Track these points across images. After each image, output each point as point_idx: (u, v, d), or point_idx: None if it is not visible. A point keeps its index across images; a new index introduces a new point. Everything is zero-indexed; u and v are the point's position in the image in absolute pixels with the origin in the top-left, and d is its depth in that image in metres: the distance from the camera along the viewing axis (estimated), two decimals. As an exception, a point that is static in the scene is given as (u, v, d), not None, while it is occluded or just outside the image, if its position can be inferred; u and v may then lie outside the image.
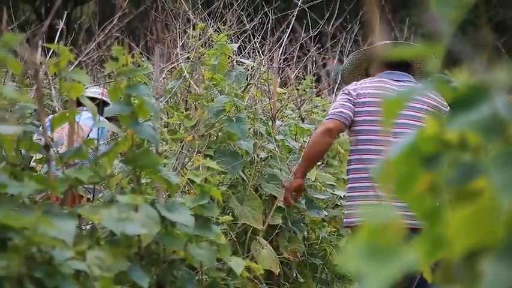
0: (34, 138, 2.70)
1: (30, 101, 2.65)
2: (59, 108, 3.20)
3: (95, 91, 5.09)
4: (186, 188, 3.92)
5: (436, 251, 1.05)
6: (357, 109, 4.34)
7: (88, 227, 2.66)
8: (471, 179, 1.03)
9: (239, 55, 5.91)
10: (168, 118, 5.05)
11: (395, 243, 0.97)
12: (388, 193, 1.09)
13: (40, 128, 2.59)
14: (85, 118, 2.77)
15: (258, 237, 4.82)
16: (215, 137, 4.97)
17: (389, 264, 0.93)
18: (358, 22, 9.00)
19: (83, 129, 2.88)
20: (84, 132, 2.86)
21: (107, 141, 3.90)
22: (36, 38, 2.66)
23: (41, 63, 2.72)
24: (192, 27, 5.60)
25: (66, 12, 4.61)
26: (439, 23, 1.02)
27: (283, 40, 6.17)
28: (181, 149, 4.28)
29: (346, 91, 4.44)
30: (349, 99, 4.38)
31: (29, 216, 2.04)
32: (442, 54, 1.06)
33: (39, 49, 2.75)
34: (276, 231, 5.09)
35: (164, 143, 4.19)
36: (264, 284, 4.54)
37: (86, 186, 2.82)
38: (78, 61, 3.43)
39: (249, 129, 5.05)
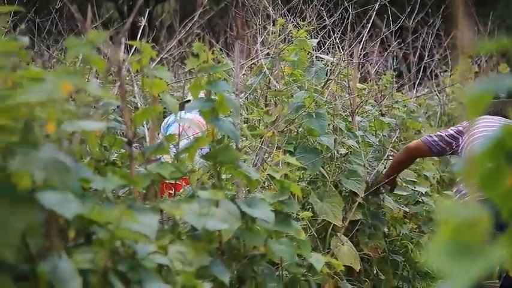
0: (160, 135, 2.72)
1: (114, 97, 2.69)
2: (141, 105, 3.25)
3: None
4: (266, 183, 3.92)
5: (523, 249, 1.03)
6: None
7: (170, 221, 2.68)
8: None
9: (319, 51, 5.88)
10: (248, 114, 5.07)
11: (480, 240, 0.95)
12: (474, 190, 1.07)
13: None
14: (196, 112, 2.81)
15: (338, 233, 4.80)
16: (295, 133, 4.97)
17: (474, 262, 0.91)
18: (440, 16, 8.85)
19: (202, 123, 2.93)
20: (203, 124, 2.91)
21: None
22: (119, 36, 2.70)
23: (123, 60, 2.76)
24: (271, 23, 5.61)
25: (147, 10, 4.67)
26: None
27: (363, 35, 6.11)
28: (261, 144, 4.28)
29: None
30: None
31: (112, 210, 2.08)
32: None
33: (122, 46, 2.79)
34: (356, 227, 5.06)
35: (244, 138, 4.20)
36: (345, 281, 4.51)
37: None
38: (159, 58, 3.47)
39: (329, 125, 5.02)
